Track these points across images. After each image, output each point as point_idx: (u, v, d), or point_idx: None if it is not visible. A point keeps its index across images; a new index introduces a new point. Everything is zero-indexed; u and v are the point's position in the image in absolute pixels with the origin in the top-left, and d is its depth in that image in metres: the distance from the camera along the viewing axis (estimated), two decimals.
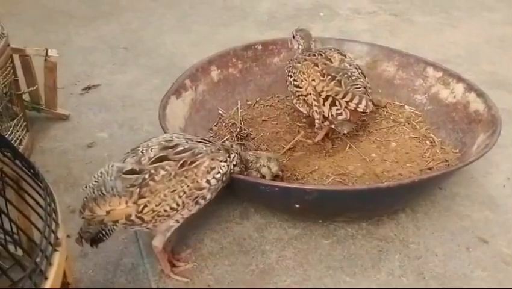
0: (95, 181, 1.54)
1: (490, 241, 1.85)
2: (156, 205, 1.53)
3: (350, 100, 1.99)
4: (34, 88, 2.35)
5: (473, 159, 1.82)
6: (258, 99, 2.52)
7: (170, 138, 1.63)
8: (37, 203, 1.22)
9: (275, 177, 1.81)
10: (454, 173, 1.92)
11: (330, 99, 2.02)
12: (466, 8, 3.82)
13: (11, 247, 1.48)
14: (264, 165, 1.78)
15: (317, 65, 2.08)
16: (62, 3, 3.80)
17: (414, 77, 2.42)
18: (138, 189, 1.50)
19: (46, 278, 1.05)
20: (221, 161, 1.62)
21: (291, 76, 2.16)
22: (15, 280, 1.03)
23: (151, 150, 1.57)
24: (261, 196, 1.83)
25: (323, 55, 2.13)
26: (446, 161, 2.10)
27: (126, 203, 1.51)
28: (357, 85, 2.03)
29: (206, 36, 3.37)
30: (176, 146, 1.58)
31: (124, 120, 2.50)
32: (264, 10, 3.79)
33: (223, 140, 2.17)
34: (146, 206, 1.52)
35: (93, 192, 1.53)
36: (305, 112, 2.17)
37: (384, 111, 2.42)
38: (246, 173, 1.76)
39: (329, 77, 2.04)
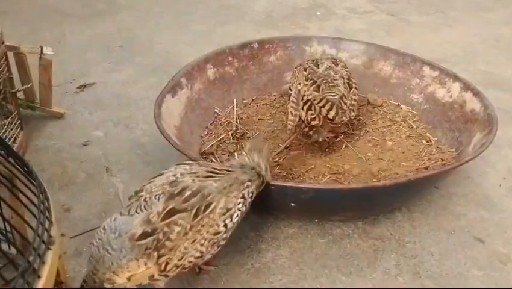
0: (98, 239, 1.42)
1: (486, 241, 1.85)
2: (178, 260, 1.43)
3: (323, 106, 2.00)
4: (29, 86, 2.33)
5: (469, 159, 1.82)
6: (254, 98, 2.51)
7: (174, 179, 1.48)
8: (31, 201, 1.21)
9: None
10: (450, 172, 1.92)
11: (309, 103, 2.03)
12: (462, 7, 3.83)
13: (4, 246, 1.47)
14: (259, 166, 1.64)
15: (305, 70, 2.15)
16: (58, 2, 3.78)
17: (411, 76, 2.42)
18: (155, 252, 1.39)
19: (39, 277, 1.04)
20: (237, 198, 1.53)
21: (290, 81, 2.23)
22: (8, 279, 1.03)
23: (156, 199, 1.43)
24: (257, 195, 1.82)
25: (315, 61, 2.20)
26: (442, 160, 2.10)
27: (145, 264, 1.39)
28: (332, 92, 2.03)
29: (203, 35, 3.36)
30: (183, 190, 1.45)
31: (119, 119, 2.49)
32: (260, 9, 3.79)
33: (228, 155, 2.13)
34: (167, 263, 1.41)
35: (99, 252, 1.40)
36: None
37: (380, 110, 2.42)
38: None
39: (311, 81, 2.08)
